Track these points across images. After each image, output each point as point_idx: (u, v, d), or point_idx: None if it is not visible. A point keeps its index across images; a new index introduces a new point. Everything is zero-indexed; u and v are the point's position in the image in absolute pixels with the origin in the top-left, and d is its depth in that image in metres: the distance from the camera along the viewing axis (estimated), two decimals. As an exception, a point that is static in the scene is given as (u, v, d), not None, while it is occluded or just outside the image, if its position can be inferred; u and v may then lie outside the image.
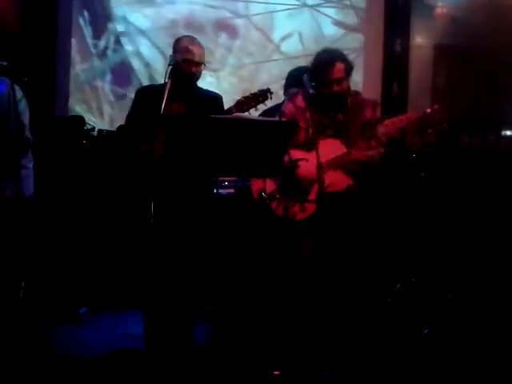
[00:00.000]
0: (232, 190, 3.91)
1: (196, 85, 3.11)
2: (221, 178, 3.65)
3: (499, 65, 5.16)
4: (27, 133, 3.10)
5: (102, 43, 5.03)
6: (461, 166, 4.59)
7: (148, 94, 3.10)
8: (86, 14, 4.99)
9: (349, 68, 3.03)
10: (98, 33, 5.02)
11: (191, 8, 5.01)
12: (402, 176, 4.22)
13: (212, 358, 2.85)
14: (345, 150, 3.01)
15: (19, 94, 3.04)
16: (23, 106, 3.08)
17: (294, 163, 3.02)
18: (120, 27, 5.04)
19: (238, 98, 3.00)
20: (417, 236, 3.94)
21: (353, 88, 3.18)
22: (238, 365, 2.85)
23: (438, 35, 5.36)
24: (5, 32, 4.60)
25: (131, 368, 2.85)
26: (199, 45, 3.07)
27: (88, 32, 5.00)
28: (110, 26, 5.04)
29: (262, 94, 2.97)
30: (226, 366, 2.82)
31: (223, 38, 4.97)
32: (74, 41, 4.95)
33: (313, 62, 3.07)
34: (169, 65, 3.01)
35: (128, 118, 3.16)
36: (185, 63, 3.01)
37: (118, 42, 5.04)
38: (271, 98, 3.00)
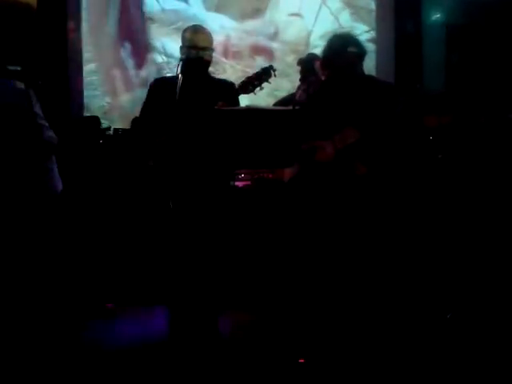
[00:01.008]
0: (248, 182, 3.91)
1: (208, 73, 3.13)
2: (237, 171, 3.66)
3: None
4: (49, 133, 3.13)
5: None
6: (479, 146, 4.53)
7: (161, 86, 3.12)
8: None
9: (361, 53, 3.00)
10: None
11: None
12: (420, 158, 4.18)
13: (235, 351, 2.87)
14: (359, 136, 2.99)
15: (34, 97, 3.07)
16: (38, 108, 3.11)
17: (312, 149, 3.00)
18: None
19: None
20: (433, 217, 3.90)
21: (366, 70, 3.14)
22: (263, 355, 2.86)
23: (451, 14, 5.28)
24: (17, 35, 4.65)
25: (157, 361, 2.88)
26: (202, 31, 3.10)
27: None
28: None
29: (265, 72, 2.96)
30: (250, 357, 2.84)
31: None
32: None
33: (325, 48, 3.04)
34: (180, 60, 3.03)
35: (142, 110, 3.18)
36: (190, 49, 3.03)
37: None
38: (275, 75, 2.98)
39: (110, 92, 5.22)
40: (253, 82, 2.95)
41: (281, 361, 2.82)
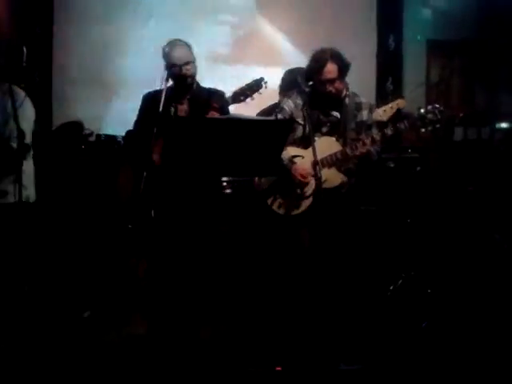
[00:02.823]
0: (229, 190, 3.94)
1: (197, 83, 3.16)
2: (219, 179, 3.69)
3: (492, 57, 5.20)
4: (27, 139, 3.13)
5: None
6: (456, 159, 4.64)
7: (152, 99, 3.15)
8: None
9: (343, 68, 3.05)
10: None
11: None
12: (398, 171, 4.25)
13: (215, 357, 2.88)
14: (340, 147, 3.05)
15: (19, 99, 3.06)
16: (23, 112, 3.09)
17: (291, 160, 3.06)
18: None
19: None
20: (414, 230, 3.97)
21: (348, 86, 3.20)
22: (239, 363, 2.88)
23: (431, 30, 5.39)
24: (1, 39, 4.64)
25: (136, 368, 2.88)
26: (180, 46, 3.11)
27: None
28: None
29: (257, 84, 3.05)
30: (228, 363, 2.85)
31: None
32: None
33: (308, 62, 3.10)
34: (165, 69, 3.06)
35: (135, 123, 3.23)
36: (173, 67, 3.07)
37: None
38: (266, 87, 3.05)
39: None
40: (244, 93, 3.03)
41: (256, 368, 2.83)
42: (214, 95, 3.12)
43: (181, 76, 3.06)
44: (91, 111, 4.92)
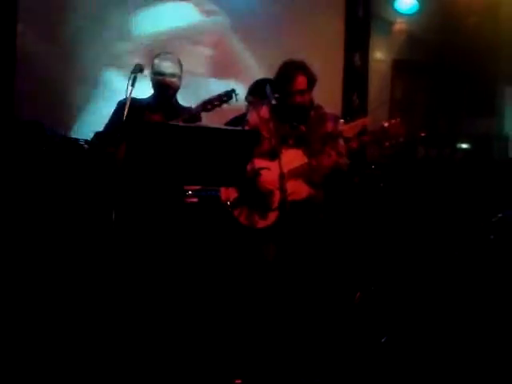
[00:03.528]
0: (195, 199, 3.91)
1: (175, 98, 3.22)
2: (185, 188, 3.66)
3: (455, 79, 5.36)
4: None
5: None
6: (418, 176, 4.73)
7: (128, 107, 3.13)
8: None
9: (311, 80, 3.08)
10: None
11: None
12: (362, 186, 4.32)
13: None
14: (306, 159, 3.06)
15: None
16: None
17: (256, 172, 3.05)
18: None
19: None
20: (376, 244, 4.03)
21: (313, 98, 3.23)
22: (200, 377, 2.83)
23: (396, 50, 5.53)
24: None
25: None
26: (169, 58, 3.19)
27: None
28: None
29: (227, 95, 3.04)
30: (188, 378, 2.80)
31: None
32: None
33: (277, 73, 3.12)
34: (131, 72, 3.03)
35: (106, 127, 3.23)
36: (157, 76, 3.15)
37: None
38: (236, 100, 3.06)
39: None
40: (212, 102, 3.04)
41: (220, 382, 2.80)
42: (184, 110, 3.15)
43: (164, 86, 3.12)
44: (55, 112, 4.81)
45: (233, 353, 3.03)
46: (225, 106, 3.08)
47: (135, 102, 3.09)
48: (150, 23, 5.07)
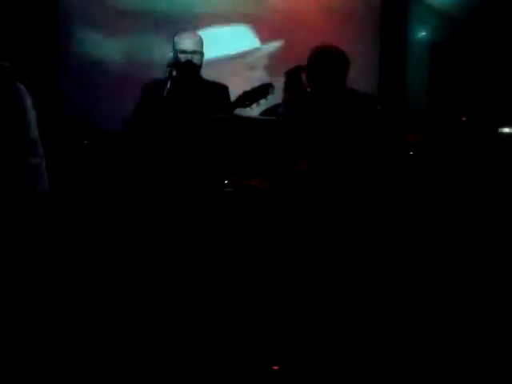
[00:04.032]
0: (231, 189, 3.95)
1: (200, 75, 3.16)
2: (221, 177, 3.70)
3: (496, 61, 5.20)
4: (32, 134, 3.16)
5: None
6: (458, 162, 4.63)
7: (153, 89, 3.15)
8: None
9: (346, 64, 3.06)
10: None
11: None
12: (401, 173, 4.26)
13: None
14: (342, 146, 3.06)
15: (21, 93, 3.07)
16: (27, 105, 3.11)
17: (294, 160, 3.06)
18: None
19: None
20: (416, 230, 3.98)
21: (350, 85, 3.21)
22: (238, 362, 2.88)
23: (435, 32, 5.40)
24: (5, 33, 4.67)
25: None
26: (191, 35, 3.16)
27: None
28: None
29: (264, 89, 3.00)
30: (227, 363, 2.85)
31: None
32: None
33: (310, 58, 3.10)
34: (167, 66, 3.07)
35: (134, 113, 3.21)
36: (180, 54, 3.09)
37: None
38: (273, 93, 3.02)
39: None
40: (250, 97, 2.99)
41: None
42: (217, 88, 3.13)
43: (187, 64, 3.06)
44: (96, 106, 4.93)
45: (270, 337, 3.07)
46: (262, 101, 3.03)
47: (159, 84, 3.11)
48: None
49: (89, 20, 5.05)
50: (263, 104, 3.08)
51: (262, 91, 3.00)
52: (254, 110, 3.11)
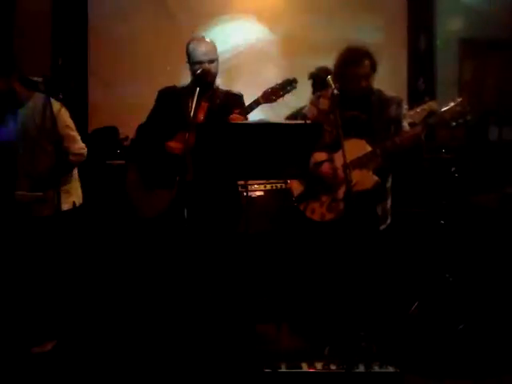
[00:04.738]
0: (261, 193, 3.97)
1: (215, 84, 3.16)
2: (250, 182, 3.72)
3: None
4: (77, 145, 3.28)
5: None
6: (491, 159, 4.55)
7: (169, 95, 3.18)
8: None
9: (374, 64, 3.04)
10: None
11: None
12: (433, 171, 4.21)
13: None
14: (369, 149, 3.04)
15: (56, 108, 3.17)
16: (60, 121, 3.20)
17: (319, 165, 3.06)
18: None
19: None
20: (448, 233, 3.92)
21: (378, 85, 3.19)
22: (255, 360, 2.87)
23: (464, 28, 5.31)
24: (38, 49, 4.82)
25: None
26: (203, 43, 3.10)
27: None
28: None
29: (288, 84, 2.99)
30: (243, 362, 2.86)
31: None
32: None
33: (338, 58, 3.08)
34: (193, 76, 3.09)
35: (148, 118, 3.22)
36: (194, 65, 3.07)
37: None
38: (295, 88, 3.00)
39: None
40: (277, 93, 2.98)
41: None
42: (233, 97, 3.14)
43: (204, 74, 3.03)
44: (126, 116, 5.02)
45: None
46: (287, 96, 3.01)
47: (175, 91, 3.12)
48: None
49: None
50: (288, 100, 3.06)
51: (287, 86, 2.99)
52: (279, 105, 3.10)
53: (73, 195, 3.38)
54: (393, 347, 3.04)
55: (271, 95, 2.99)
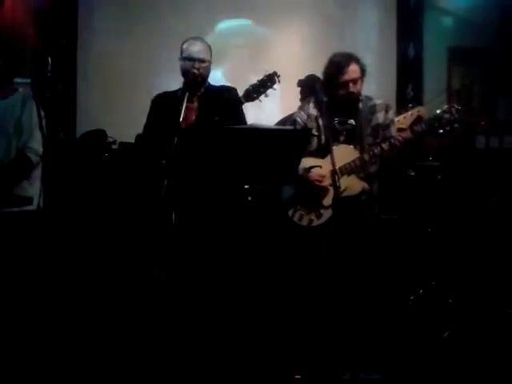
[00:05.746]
0: (250, 198, 3.96)
1: (207, 82, 3.13)
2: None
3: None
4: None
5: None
6: (478, 167, 4.59)
7: (162, 101, 3.16)
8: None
9: (363, 70, 3.05)
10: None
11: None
12: (419, 178, 4.24)
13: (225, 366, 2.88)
14: (357, 155, 3.05)
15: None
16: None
17: (308, 171, 3.06)
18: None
19: None
20: (434, 239, 3.95)
21: (367, 93, 3.21)
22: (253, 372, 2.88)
23: (452, 37, 5.37)
24: (26, 49, 4.78)
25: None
26: (199, 43, 3.08)
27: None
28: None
29: (270, 79, 2.90)
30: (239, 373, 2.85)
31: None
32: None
33: (327, 65, 3.08)
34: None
35: (145, 126, 3.22)
36: (186, 62, 3.04)
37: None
38: (279, 82, 2.90)
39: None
40: (257, 90, 2.91)
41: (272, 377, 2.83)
42: (226, 91, 3.10)
43: (193, 72, 3.01)
44: (114, 119, 5.00)
45: (291, 349, 3.07)
46: (269, 91, 2.92)
47: (168, 96, 3.11)
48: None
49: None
50: (272, 94, 2.96)
51: (268, 82, 2.90)
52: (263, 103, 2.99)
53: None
54: (379, 355, 3.04)
55: (252, 93, 2.90)
